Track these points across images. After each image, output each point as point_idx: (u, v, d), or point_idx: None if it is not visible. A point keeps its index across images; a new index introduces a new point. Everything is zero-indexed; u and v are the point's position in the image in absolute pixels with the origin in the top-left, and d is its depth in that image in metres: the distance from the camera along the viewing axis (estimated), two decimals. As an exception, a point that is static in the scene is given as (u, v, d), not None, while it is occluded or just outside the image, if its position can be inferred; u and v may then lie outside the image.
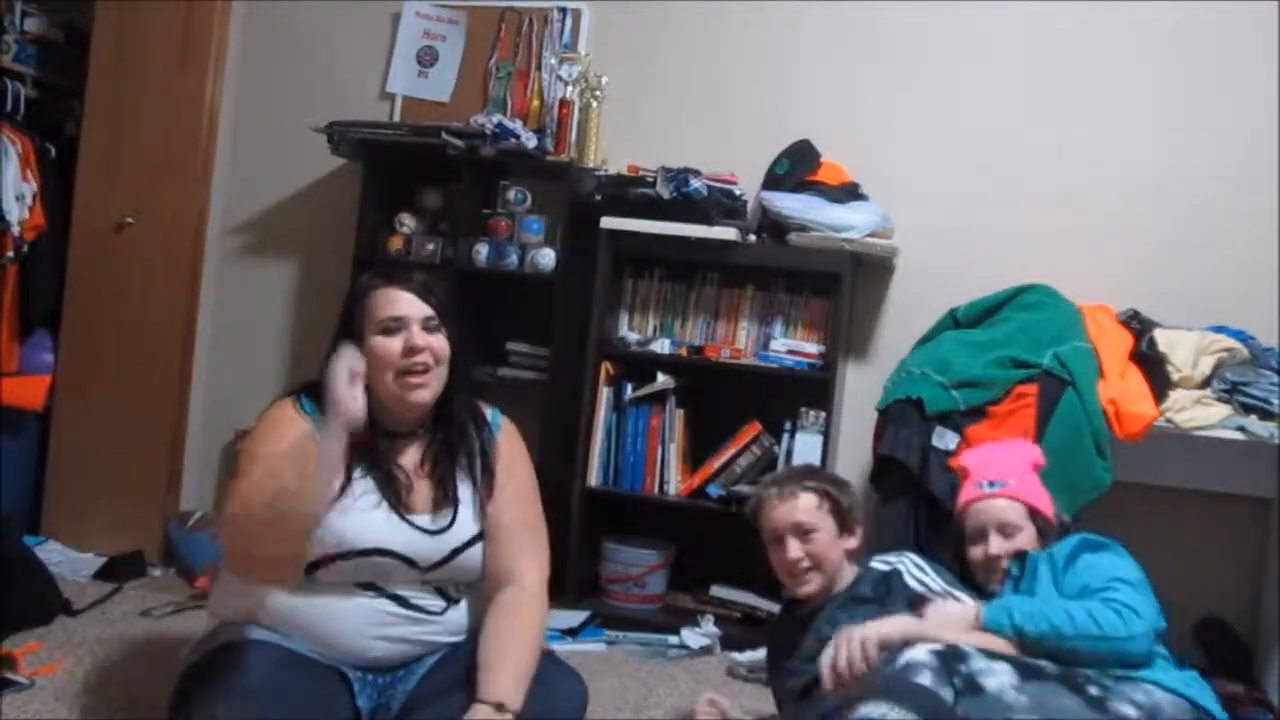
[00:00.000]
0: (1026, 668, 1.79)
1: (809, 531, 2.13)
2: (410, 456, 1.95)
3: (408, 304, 1.91)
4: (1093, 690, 1.76)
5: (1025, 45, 3.33)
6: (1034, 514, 2.14)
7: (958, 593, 2.04)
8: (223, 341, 3.86)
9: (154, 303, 3.65)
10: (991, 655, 1.79)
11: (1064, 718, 1.71)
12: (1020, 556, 2.08)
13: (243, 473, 1.81)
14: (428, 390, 1.91)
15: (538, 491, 2.09)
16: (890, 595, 2.06)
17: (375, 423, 1.90)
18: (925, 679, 1.73)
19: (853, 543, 2.19)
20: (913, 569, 2.10)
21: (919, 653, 1.77)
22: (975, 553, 2.13)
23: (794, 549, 2.12)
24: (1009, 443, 2.50)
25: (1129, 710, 1.74)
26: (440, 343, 1.93)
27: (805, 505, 2.15)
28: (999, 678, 1.74)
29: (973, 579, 2.14)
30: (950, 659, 1.76)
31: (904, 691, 1.71)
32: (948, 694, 1.72)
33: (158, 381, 3.65)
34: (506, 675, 1.79)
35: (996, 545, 2.09)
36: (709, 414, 3.37)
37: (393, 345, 1.88)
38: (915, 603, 2.01)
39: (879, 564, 2.14)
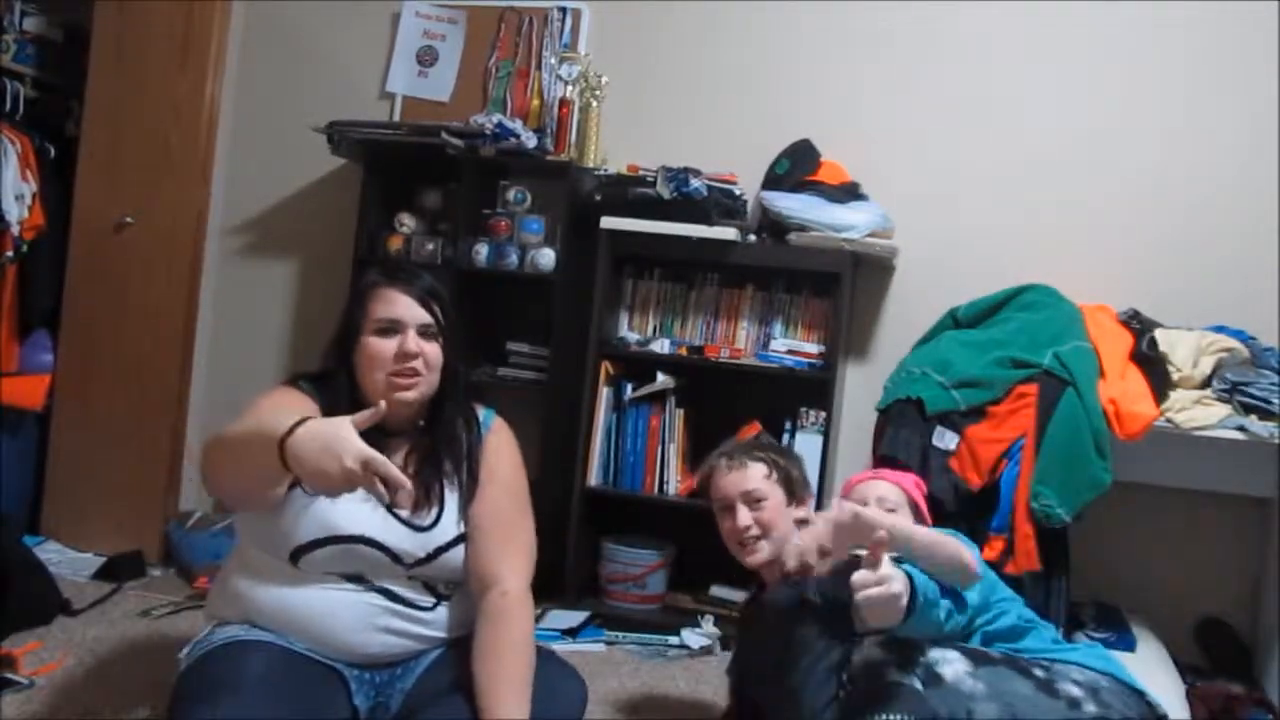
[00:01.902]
0: (973, 653, 1.81)
1: (758, 500, 2.17)
2: (399, 456, 1.94)
3: (406, 307, 1.92)
4: (1038, 673, 1.80)
5: (1025, 45, 3.33)
6: (914, 507, 2.18)
7: None
8: (223, 341, 3.86)
9: (154, 303, 3.64)
10: (939, 644, 1.81)
11: (1021, 703, 1.73)
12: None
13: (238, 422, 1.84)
14: (414, 392, 1.91)
15: (524, 494, 2.05)
16: None
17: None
18: (897, 677, 1.73)
19: (802, 513, 2.21)
20: None
21: (874, 650, 1.78)
22: None
23: (743, 516, 2.15)
24: None
25: (1074, 690, 1.78)
26: (434, 350, 1.93)
27: (755, 474, 2.19)
28: (953, 666, 1.77)
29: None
30: (905, 650, 1.77)
31: (901, 697, 1.71)
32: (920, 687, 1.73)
33: (158, 381, 3.65)
34: (506, 695, 1.78)
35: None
36: (709, 414, 3.36)
37: (386, 347, 1.89)
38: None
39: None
